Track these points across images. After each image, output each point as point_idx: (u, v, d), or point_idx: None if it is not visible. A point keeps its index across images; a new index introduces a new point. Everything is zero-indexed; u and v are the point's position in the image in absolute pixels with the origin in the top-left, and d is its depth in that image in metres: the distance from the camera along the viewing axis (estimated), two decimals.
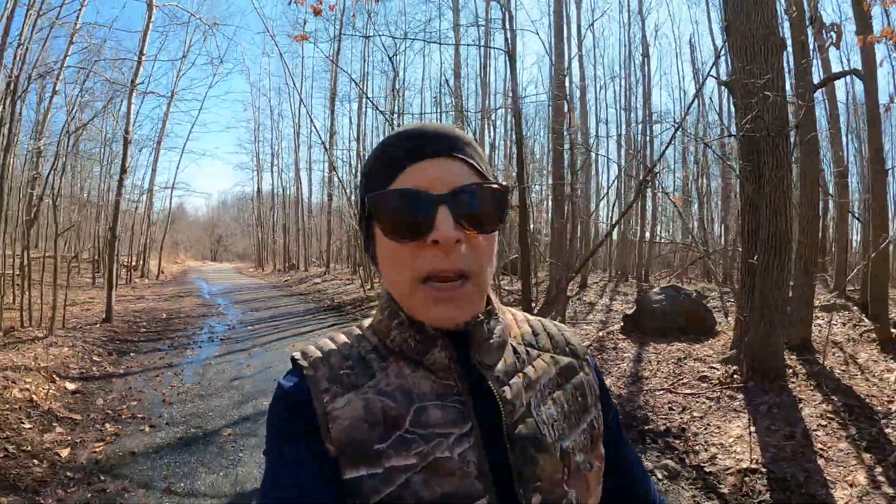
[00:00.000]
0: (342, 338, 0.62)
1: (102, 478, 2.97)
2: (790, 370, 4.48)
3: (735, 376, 4.28)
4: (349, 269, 17.30)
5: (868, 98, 5.94)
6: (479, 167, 0.58)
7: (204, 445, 3.44)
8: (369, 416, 0.54)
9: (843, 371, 4.70)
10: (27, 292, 6.64)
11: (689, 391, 4.20)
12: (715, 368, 4.56)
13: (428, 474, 0.52)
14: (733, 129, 5.34)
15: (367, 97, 11.03)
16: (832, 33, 3.70)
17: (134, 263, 17.94)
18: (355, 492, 0.51)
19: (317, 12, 7.08)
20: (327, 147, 13.67)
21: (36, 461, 3.16)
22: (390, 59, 10.27)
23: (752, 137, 4.11)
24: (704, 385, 4.28)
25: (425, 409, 0.55)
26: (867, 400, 4.03)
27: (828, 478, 3.10)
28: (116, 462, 3.19)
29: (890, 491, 2.90)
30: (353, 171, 15.13)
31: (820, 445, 3.47)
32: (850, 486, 3.02)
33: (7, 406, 3.76)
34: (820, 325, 6.72)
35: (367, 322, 0.65)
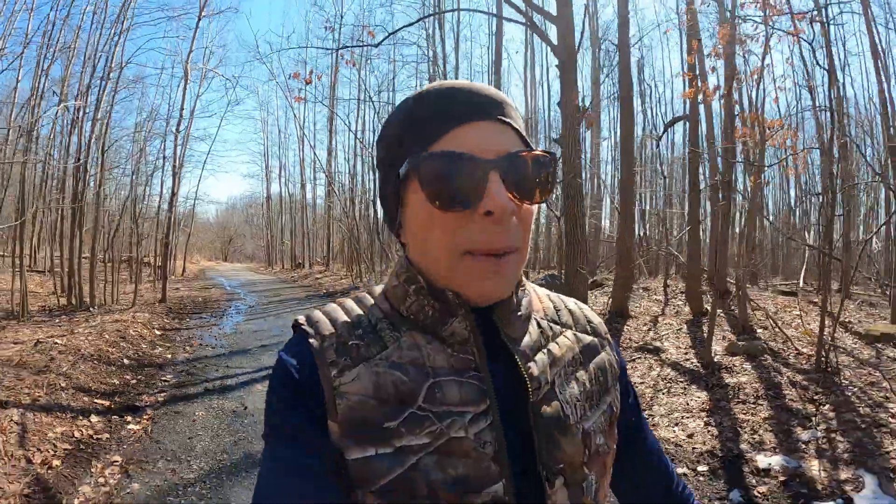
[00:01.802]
0: (351, 304, 0.58)
1: (196, 362, 5.89)
2: None
3: None
4: (345, 267, 20.21)
5: (691, 135, 8.76)
6: (522, 132, 0.55)
7: (242, 353, 6.37)
8: (380, 392, 0.49)
9: (635, 329, 7.44)
10: (111, 283, 9.62)
11: None
12: None
13: (440, 455, 0.48)
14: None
15: (358, 139, 14.00)
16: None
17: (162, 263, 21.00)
18: (363, 473, 0.48)
19: (308, 82, 10.09)
20: (326, 173, 16.64)
21: (155, 358, 6.08)
22: (371, 98, 13.16)
23: (564, 180, 6.91)
24: None
25: (440, 384, 0.51)
26: (623, 342, 6.76)
27: None
28: (199, 358, 6.12)
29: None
30: (351, 190, 17.92)
31: None
32: None
33: (131, 337, 6.69)
34: (680, 305, 9.47)
35: (378, 288, 0.61)
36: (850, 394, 4.32)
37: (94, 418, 4.03)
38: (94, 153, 9.46)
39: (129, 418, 4.14)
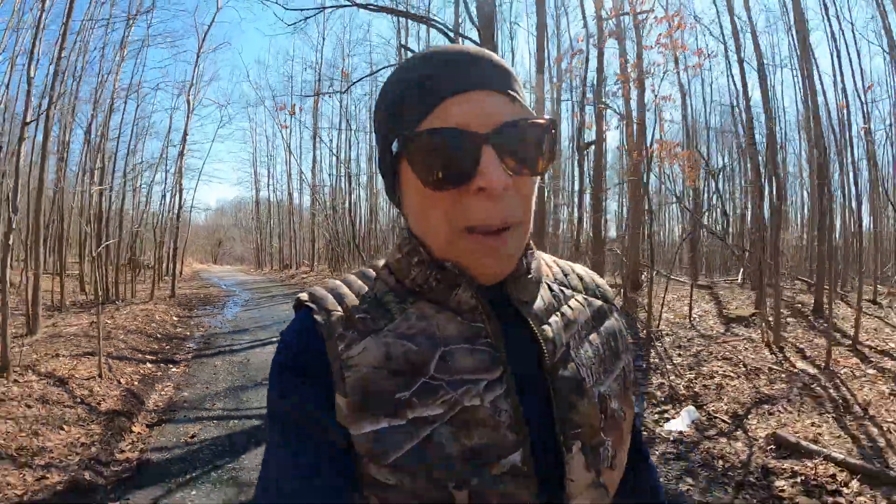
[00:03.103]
0: (354, 279, 0.58)
1: (209, 337, 8.03)
2: None
3: None
4: (329, 267, 22.29)
5: (596, 157, 11.01)
6: (520, 99, 0.52)
7: (242, 332, 8.52)
8: (390, 363, 0.49)
9: None
10: (133, 282, 11.67)
11: None
12: None
13: (455, 425, 0.48)
14: None
15: (340, 160, 16.18)
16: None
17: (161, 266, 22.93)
18: (376, 447, 0.48)
19: (292, 114, 12.16)
20: (310, 186, 18.72)
21: (178, 334, 8.20)
22: (350, 126, 15.26)
23: None
24: None
25: (452, 353, 0.50)
26: None
27: None
28: (211, 335, 8.26)
29: None
30: (332, 199, 19.95)
31: None
32: None
33: (157, 321, 8.79)
34: None
35: (381, 262, 0.59)
36: (653, 351, 6.49)
37: (148, 364, 6.16)
38: (117, 176, 11.52)
39: (171, 366, 6.28)
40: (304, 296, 0.55)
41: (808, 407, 4.36)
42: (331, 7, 6.48)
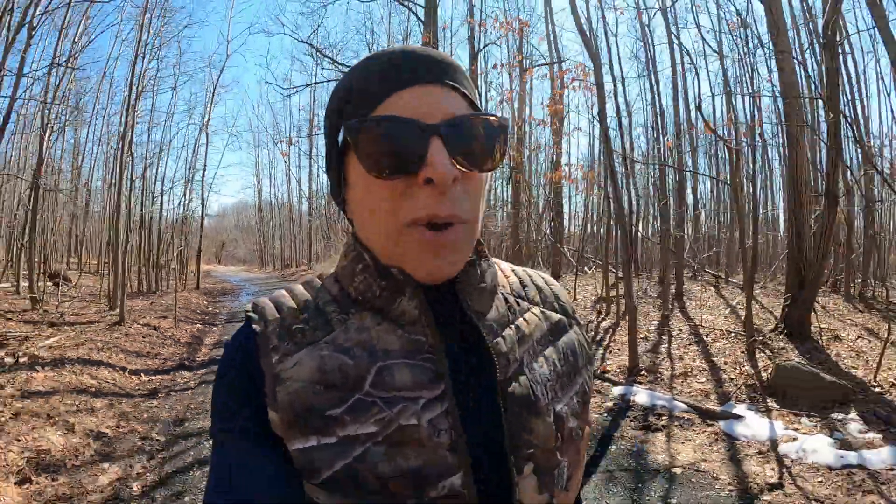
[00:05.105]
0: (300, 288, 0.56)
1: (233, 313, 11.55)
2: None
3: None
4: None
5: (515, 181, 14.46)
6: (472, 98, 0.53)
7: None
8: (323, 377, 0.48)
9: None
10: (163, 277, 15.16)
11: None
12: None
13: (390, 445, 0.46)
14: None
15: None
16: None
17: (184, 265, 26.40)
18: (306, 465, 0.46)
19: (290, 143, 15.71)
20: (308, 198, 22.19)
21: (211, 311, 11.71)
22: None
23: None
24: None
25: (390, 368, 0.48)
26: None
27: None
28: (234, 312, 11.79)
29: None
30: (328, 207, 23.38)
31: None
32: None
33: (191, 304, 12.29)
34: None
35: (329, 271, 0.58)
36: None
37: (199, 325, 9.65)
38: (154, 195, 15.04)
39: (213, 327, 9.78)
40: (248, 305, 0.54)
41: None
42: (314, 83, 9.76)
